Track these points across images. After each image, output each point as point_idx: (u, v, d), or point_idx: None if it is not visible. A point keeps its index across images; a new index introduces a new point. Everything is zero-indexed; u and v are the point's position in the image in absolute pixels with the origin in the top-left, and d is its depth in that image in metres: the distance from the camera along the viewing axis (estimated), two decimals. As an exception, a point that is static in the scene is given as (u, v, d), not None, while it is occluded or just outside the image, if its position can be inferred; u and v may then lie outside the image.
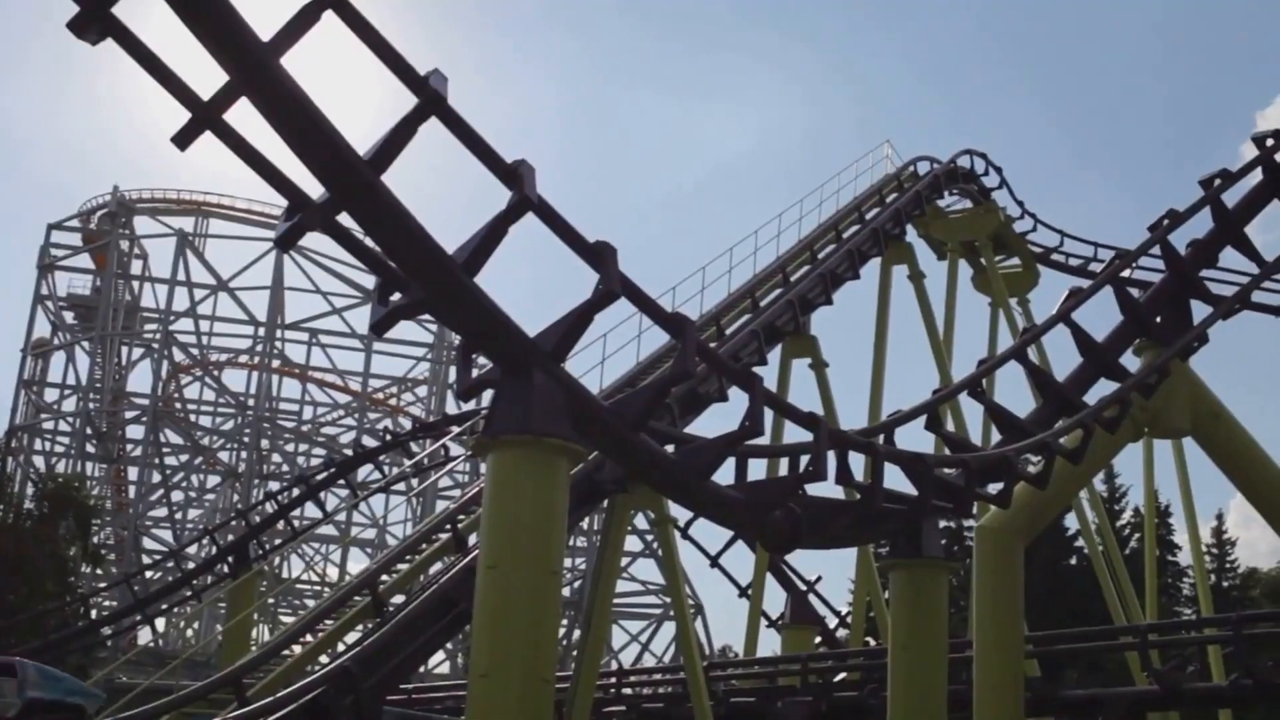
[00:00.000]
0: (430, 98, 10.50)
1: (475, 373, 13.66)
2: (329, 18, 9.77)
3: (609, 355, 25.39)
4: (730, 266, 29.42)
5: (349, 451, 46.97)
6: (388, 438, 44.06)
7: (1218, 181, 21.42)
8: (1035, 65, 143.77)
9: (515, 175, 11.32)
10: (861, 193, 34.85)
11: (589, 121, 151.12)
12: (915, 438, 20.58)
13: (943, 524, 56.68)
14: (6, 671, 16.15)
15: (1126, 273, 22.34)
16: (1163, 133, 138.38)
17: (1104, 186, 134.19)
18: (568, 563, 60.45)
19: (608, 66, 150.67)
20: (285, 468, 65.26)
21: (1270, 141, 21.81)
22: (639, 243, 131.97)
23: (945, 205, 38.64)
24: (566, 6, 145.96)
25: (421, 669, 42.35)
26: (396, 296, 11.92)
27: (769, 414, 14.68)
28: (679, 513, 27.77)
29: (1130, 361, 20.94)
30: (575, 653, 25.35)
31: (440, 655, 54.48)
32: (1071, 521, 58.58)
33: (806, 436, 14.54)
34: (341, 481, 41.48)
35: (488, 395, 13.31)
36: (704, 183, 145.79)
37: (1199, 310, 21.32)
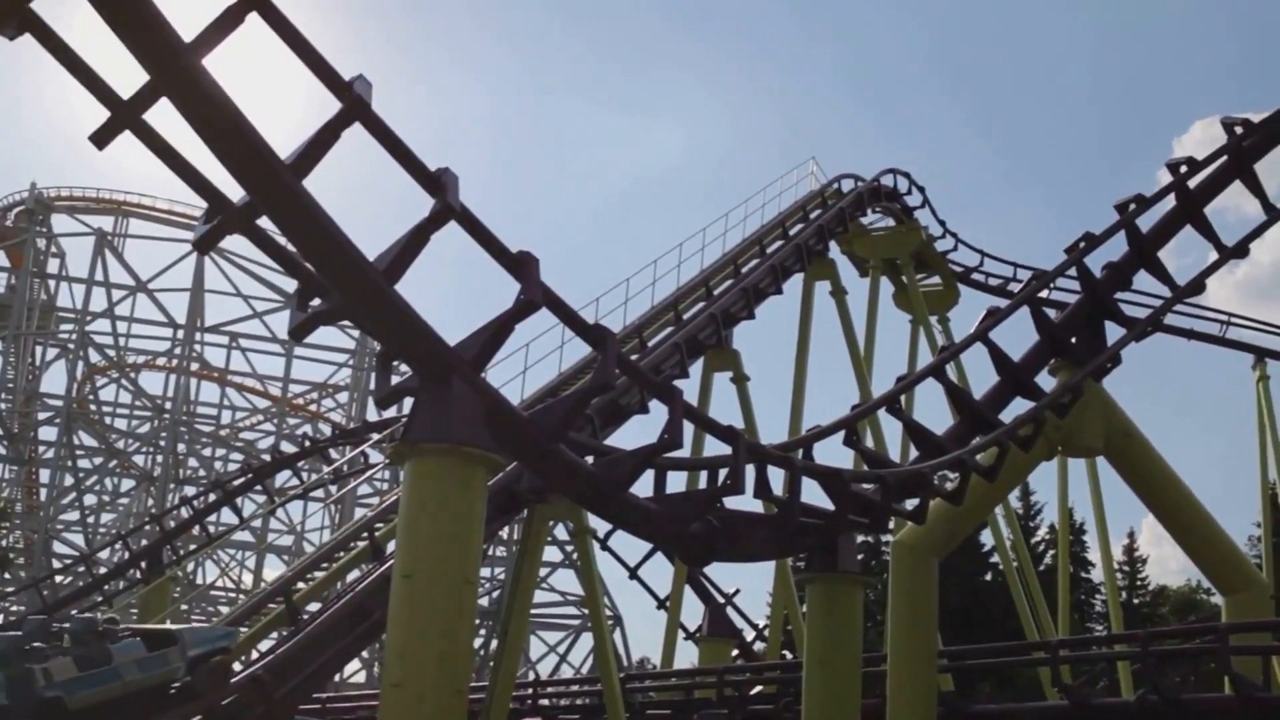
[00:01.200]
0: (354, 103, 10.45)
1: (395, 380, 13.57)
2: (254, 20, 9.71)
3: (531, 365, 25.45)
4: (654, 279, 29.58)
5: (267, 457, 46.49)
6: (307, 444, 43.69)
7: (1132, 206, 21.78)
8: (964, 87, 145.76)
9: (438, 183, 11.29)
10: (786, 208, 35.13)
11: (517, 131, 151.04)
12: (835, 453, 20.84)
13: (860, 539, 57.21)
14: (171, 642, 18.53)
15: (1044, 293, 22.65)
16: (1086, 155, 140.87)
17: (1029, 207, 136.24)
18: (486, 572, 60.13)
19: (538, 77, 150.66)
20: (202, 472, 64.37)
21: (1184, 168, 22.17)
22: (565, 253, 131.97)
23: (868, 223, 39.04)
24: (498, 17, 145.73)
25: (336, 678, 42.01)
26: (316, 302, 11.84)
27: (689, 427, 14.74)
28: (598, 524, 27.78)
29: (1046, 381, 21.25)
30: (492, 663, 25.25)
31: (356, 664, 54.01)
32: (988, 538, 59.32)
33: (726, 450, 14.60)
34: (259, 487, 41.07)
35: (408, 403, 13.24)
36: (631, 195, 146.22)
37: (1113, 332, 21.67)
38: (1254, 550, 63.16)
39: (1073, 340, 21.40)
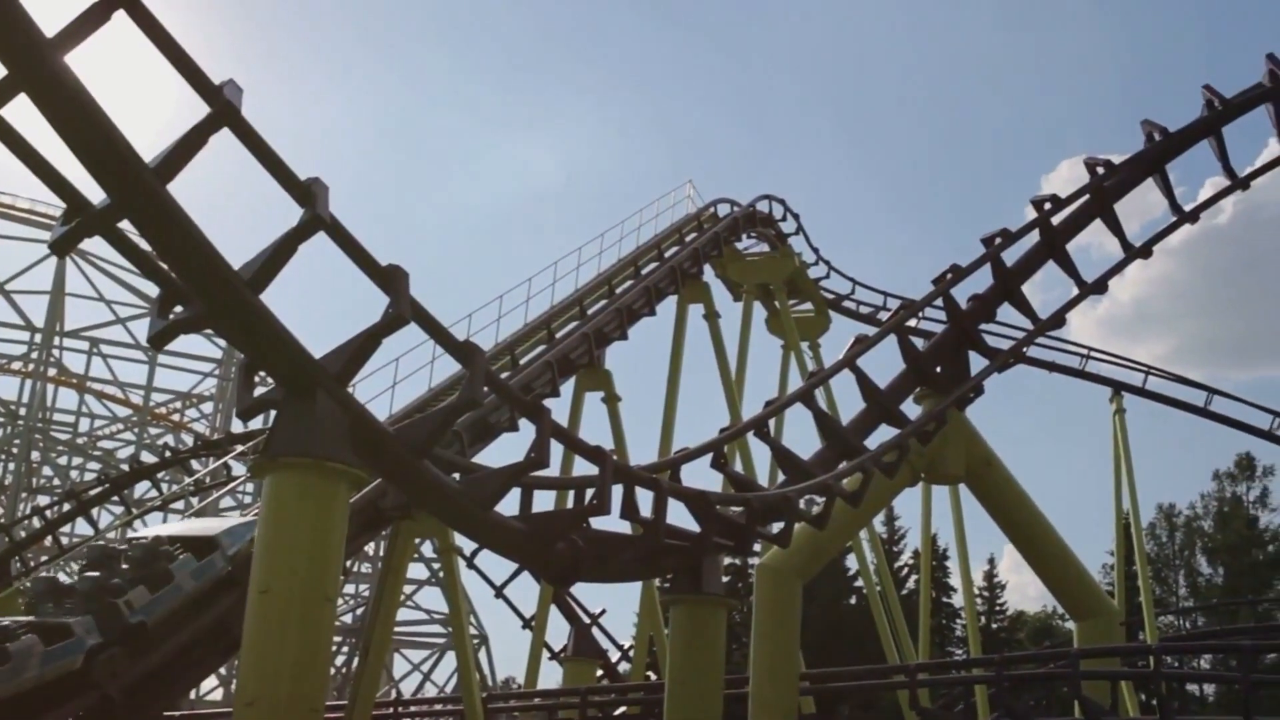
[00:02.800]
0: (223, 108, 10.23)
1: (259, 392, 13.29)
2: (122, 19, 9.46)
3: (400, 380, 25.24)
4: (528, 296, 29.50)
5: (126, 467, 45.32)
6: (168, 454, 42.67)
7: (998, 240, 22.25)
8: (846, 116, 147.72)
9: (308, 193, 11.09)
10: (662, 231, 35.32)
11: (395, 146, 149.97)
12: (705, 475, 20.82)
13: (728, 561, 57.46)
14: (214, 547, 21.01)
15: (912, 323, 23.02)
16: (962, 188, 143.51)
17: (907, 236, 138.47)
18: (351, 589, 59.34)
19: (417, 93, 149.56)
20: (56, 481, 62.51)
21: (1048, 205, 22.72)
22: (441, 269, 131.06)
23: (743, 248, 39.44)
24: (380, 32, 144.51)
25: (193, 695, 41.04)
26: (179, 309, 11.55)
27: (559, 446, 14.65)
28: (465, 542, 27.57)
29: (911, 409, 21.59)
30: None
31: (213, 681, 52.84)
32: (853, 562, 60.02)
33: (595, 470, 14.54)
34: (116, 498, 40.00)
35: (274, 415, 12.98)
36: (509, 212, 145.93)
37: (977, 362, 22.11)
38: (1108, 577, 64.96)
39: (938, 369, 21.78)
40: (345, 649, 55.39)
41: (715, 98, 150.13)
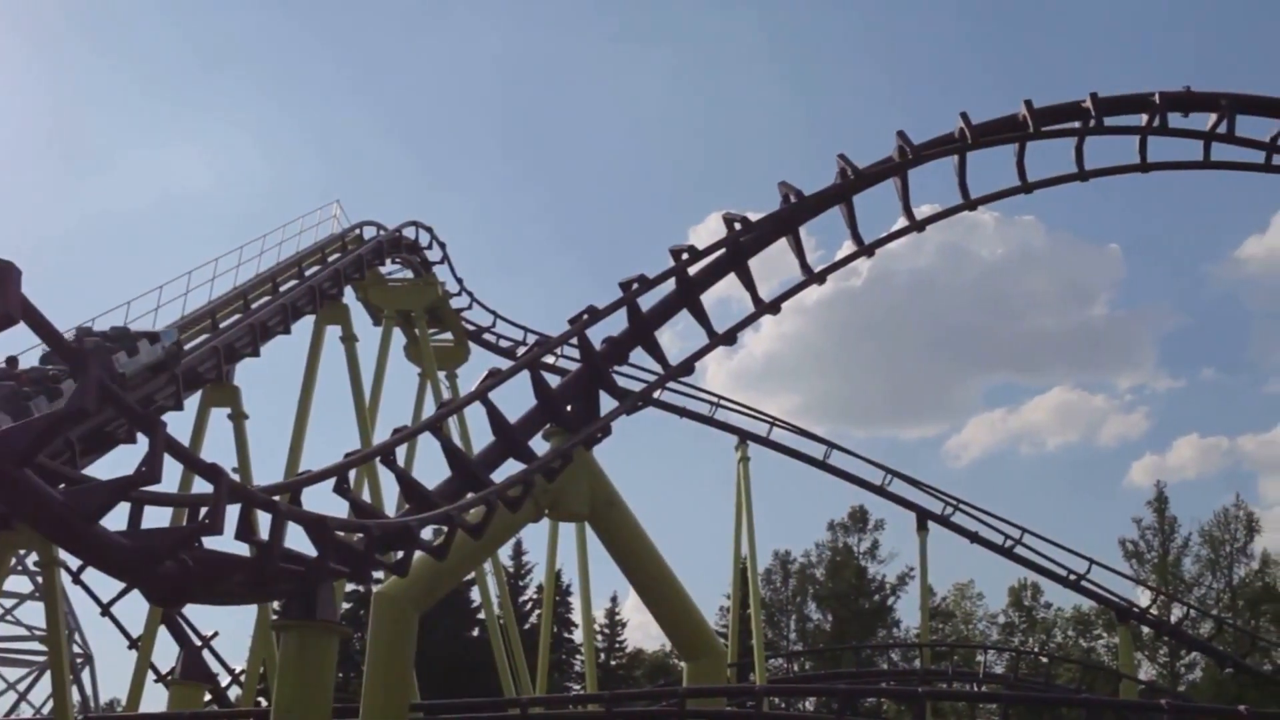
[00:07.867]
0: None
1: None
2: None
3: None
4: (158, 305, 28.39)
5: None
6: None
7: (635, 286, 22.85)
8: (515, 150, 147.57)
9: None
10: (304, 249, 34.76)
11: (33, 139, 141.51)
12: (334, 501, 20.34)
13: (351, 588, 56.58)
14: (153, 339, 25.99)
15: (551, 360, 23.34)
16: (623, 229, 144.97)
17: (567, 272, 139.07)
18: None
19: (61, 86, 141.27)
20: None
21: (685, 256, 23.50)
22: (74, 271, 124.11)
23: (387, 273, 39.19)
24: (20, 17, 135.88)
25: None
26: None
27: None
28: (73, 556, 26.26)
29: (540, 445, 21.89)
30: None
31: None
32: (479, 594, 60.30)
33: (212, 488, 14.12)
34: None
35: None
36: (149, 220, 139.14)
37: (608, 403, 22.63)
38: (724, 619, 67.58)
39: (569, 408, 22.18)
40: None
41: (377, 120, 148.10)
